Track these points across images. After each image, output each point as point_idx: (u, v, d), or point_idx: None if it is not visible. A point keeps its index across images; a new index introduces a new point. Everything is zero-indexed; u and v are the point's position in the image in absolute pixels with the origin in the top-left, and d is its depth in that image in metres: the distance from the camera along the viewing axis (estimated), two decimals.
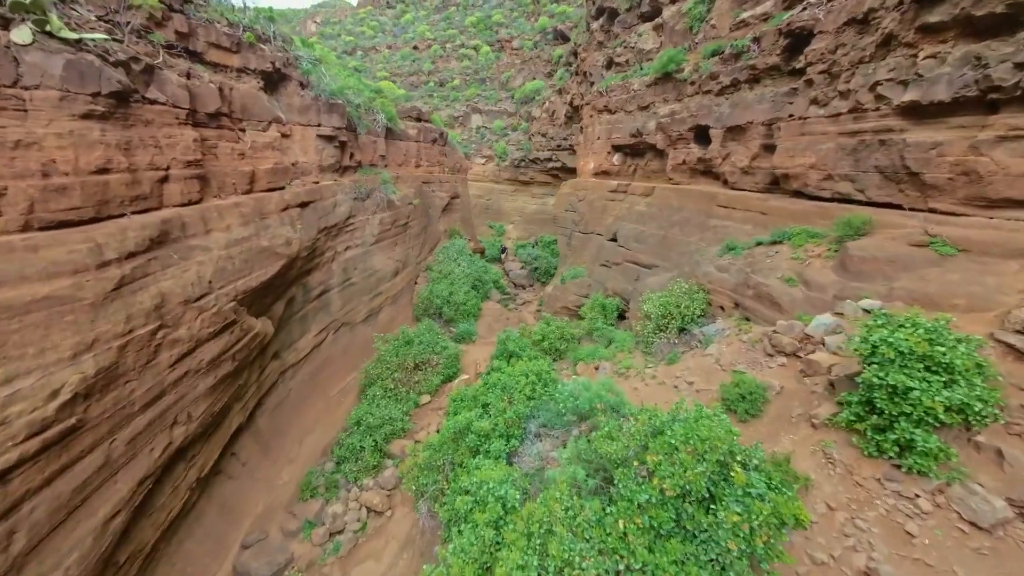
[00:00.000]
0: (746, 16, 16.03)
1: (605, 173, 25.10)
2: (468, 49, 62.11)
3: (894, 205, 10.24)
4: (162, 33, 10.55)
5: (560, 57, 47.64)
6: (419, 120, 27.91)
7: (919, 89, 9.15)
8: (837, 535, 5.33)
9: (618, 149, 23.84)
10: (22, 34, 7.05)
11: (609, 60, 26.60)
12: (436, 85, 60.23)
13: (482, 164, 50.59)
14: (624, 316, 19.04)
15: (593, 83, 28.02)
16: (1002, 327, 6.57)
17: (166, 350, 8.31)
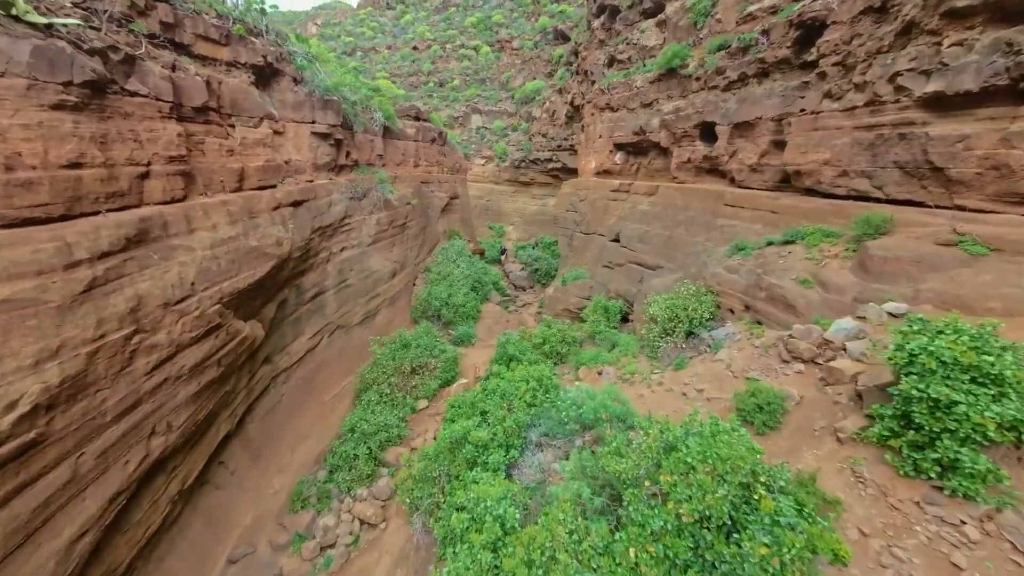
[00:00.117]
0: (753, 9, 15.53)
1: (607, 172, 24.60)
2: (468, 49, 61.75)
3: (915, 202, 9.71)
4: (145, 23, 10.06)
5: (560, 57, 47.21)
6: (418, 119, 27.45)
7: (944, 79, 8.64)
8: (873, 565, 4.79)
9: (620, 148, 23.34)
10: None
11: (611, 58, 26.13)
12: (436, 85, 59.85)
13: (482, 165, 50.13)
14: (628, 319, 18.50)
15: (594, 82, 27.54)
16: None
17: (143, 356, 7.79)
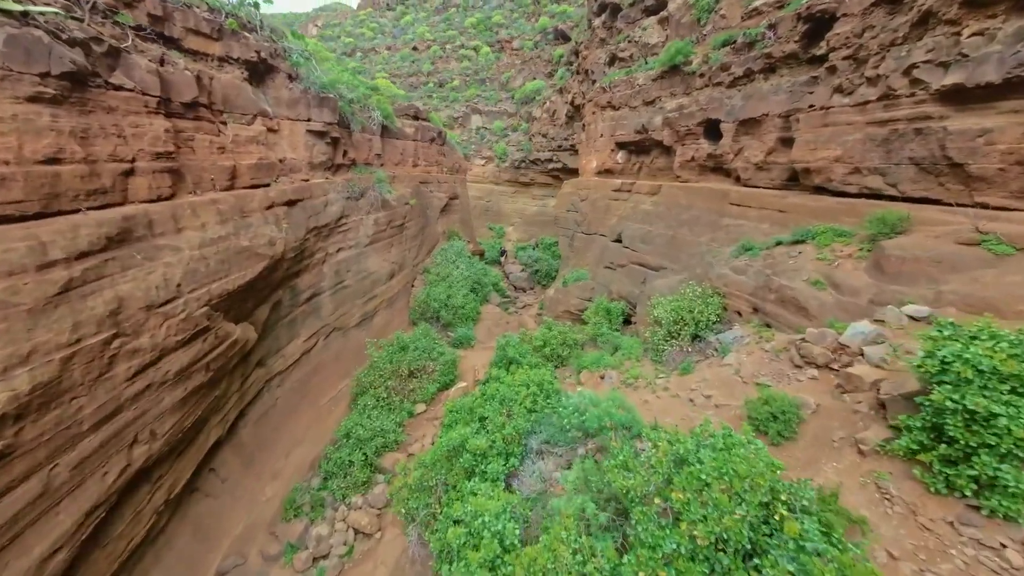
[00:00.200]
0: (759, 4, 15.17)
1: (608, 172, 24.23)
2: (468, 50, 61.50)
3: (932, 200, 9.31)
4: (132, 15, 9.72)
5: (561, 57, 46.91)
6: (416, 118, 27.11)
7: (963, 71, 8.26)
8: None
9: (622, 147, 22.97)
10: None
11: (612, 56, 25.79)
12: (435, 86, 59.59)
13: (482, 165, 49.81)
14: (630, 321, 18.10)
15: (595, 81, 27.20)
16: None
17: (123, 361, 7.41)
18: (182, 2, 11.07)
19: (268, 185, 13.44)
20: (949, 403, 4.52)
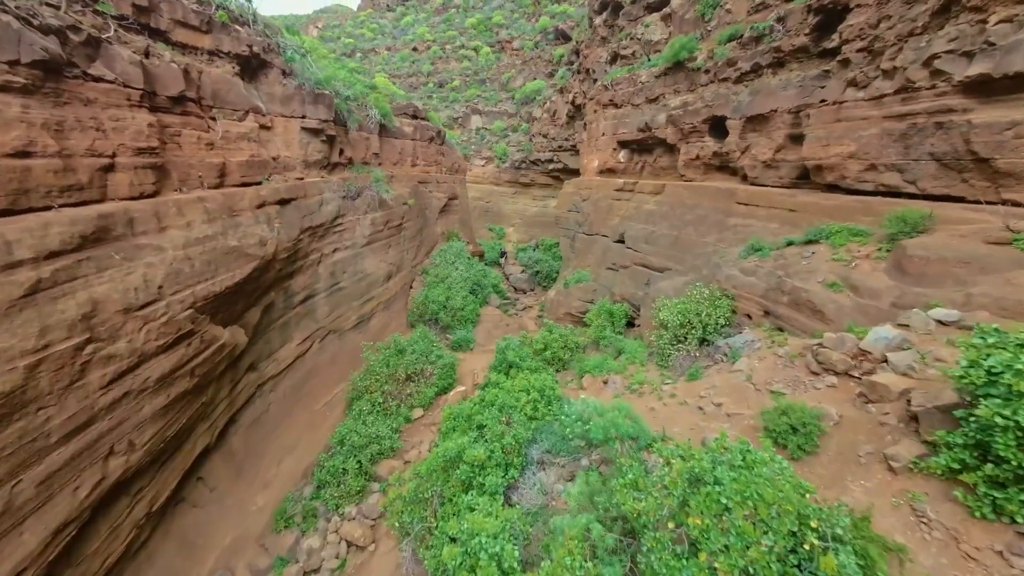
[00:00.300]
0: None
1: (611, 171, 23.79)
2: (468, 50, 61.18)
3: (954, 198, 8.86)
4: (115, 4, 9.31)
5: (561, 56, 46.55)
6: (415, 117, 26.68)
7: (990, 60, 7.81)
8: None
9: (624, 145, 22.54)
10: None
11: (614, 55, 25.37)
12: (435, 86, 59.24)
13: (482, 166, 49.41)
14: (633, 324, 17.63)
15: (596, 80, 26.78)
16: None
17: (97, 368, 6.96)
18: None
19: (260, 183, 13.01)
20: (999, 419, 4.05)
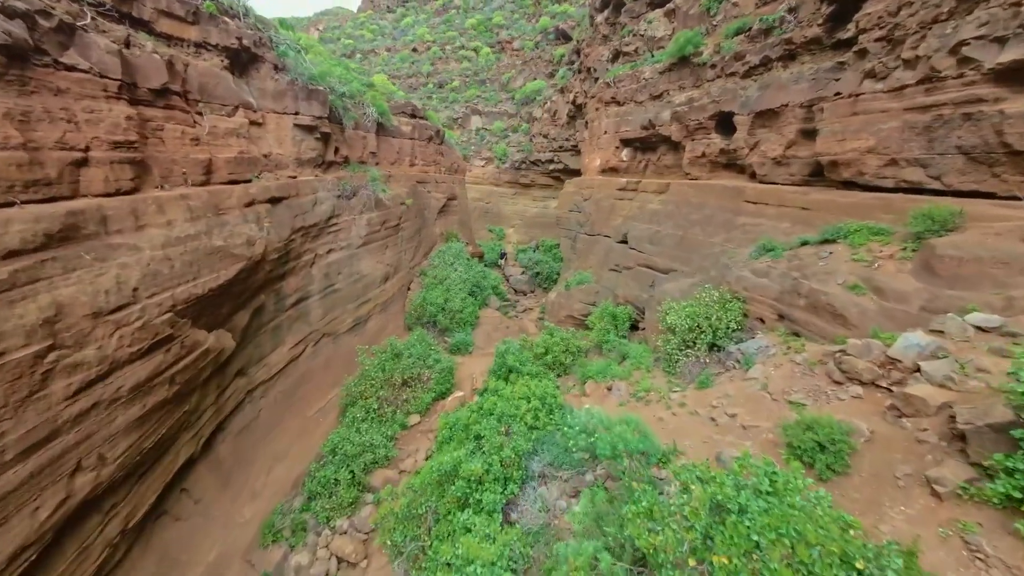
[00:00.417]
0: None
1: (613, 170, 23.27)
2: (468, 51, 60.82)
3: (983, 193, 8.32)
4: None
5: (562, 56, 46.11)
6: (414, 116, 26.22)
7: None
8: None
9: (627, 144, 22.02)
10: None
11: (616, 52, 24.88)
12: (435, 87, 58.86)
13: (481, 166, 48.95)
14: (637, 327, 17.07)
15: (597, 78, 26.31)
16: None
17: (61, 378, 6.42)
18: None
19: (249, 181, 12.50)
20: None
